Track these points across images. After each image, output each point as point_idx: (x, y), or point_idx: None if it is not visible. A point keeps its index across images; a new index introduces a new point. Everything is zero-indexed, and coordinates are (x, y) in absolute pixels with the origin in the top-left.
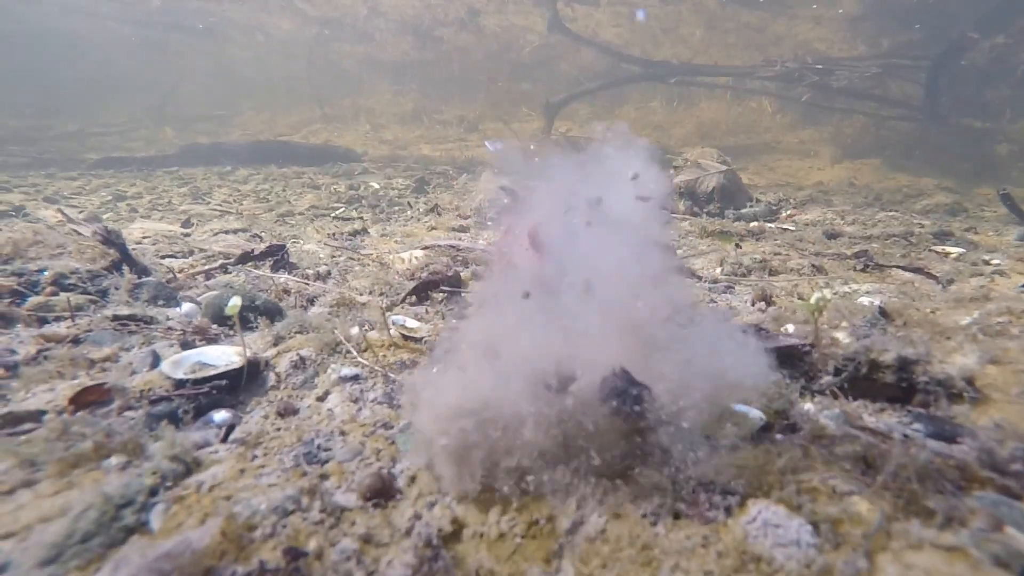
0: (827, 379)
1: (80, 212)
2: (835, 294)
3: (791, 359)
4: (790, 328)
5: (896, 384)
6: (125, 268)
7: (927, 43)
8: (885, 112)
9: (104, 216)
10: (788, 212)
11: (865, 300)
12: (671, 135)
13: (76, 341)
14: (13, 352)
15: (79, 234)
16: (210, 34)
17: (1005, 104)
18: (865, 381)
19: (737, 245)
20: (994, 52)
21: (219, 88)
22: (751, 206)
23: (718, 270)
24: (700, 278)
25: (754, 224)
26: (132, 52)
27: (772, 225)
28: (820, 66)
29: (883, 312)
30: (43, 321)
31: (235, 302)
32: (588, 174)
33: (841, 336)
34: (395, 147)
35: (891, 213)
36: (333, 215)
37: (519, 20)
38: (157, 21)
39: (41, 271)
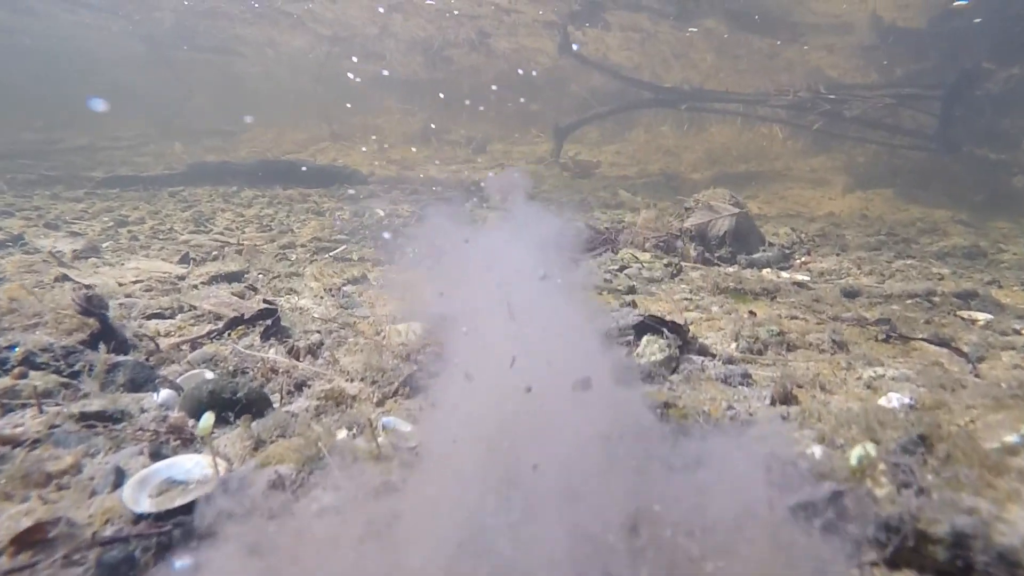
0: (870, 556)
1: (80, 237)
2: (858, 380)
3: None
4: (817, 452)
5: (951, 561)
6: (102, 347)
7: (941, 72)
8: (898, 141)
9: (104, 245)
10: (802, 259)
11: (895, 398)
12: (681, 160)
13: (36, 443)
14: None
15: (68, 279)
16: (220, 50)
17: (1021, 135)
18: (913, 552)
19: (752, 313)
20: (1010, 82)
21: (228, 104)
22: (764, 251)
23: (733, 345)
24: (714, 355)
25: (767, 271)
26: (143, 68)
27: (786, 275)
28: (833, 96)
29: (922, 438)
30: (7, 410)
31: (206, 423)
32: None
33: (879, 477)
34: (402, 167)
35: (908, 261)
36: (332, 254)
37: (529, 42)
38: (168, 38)
39: (12, 347)
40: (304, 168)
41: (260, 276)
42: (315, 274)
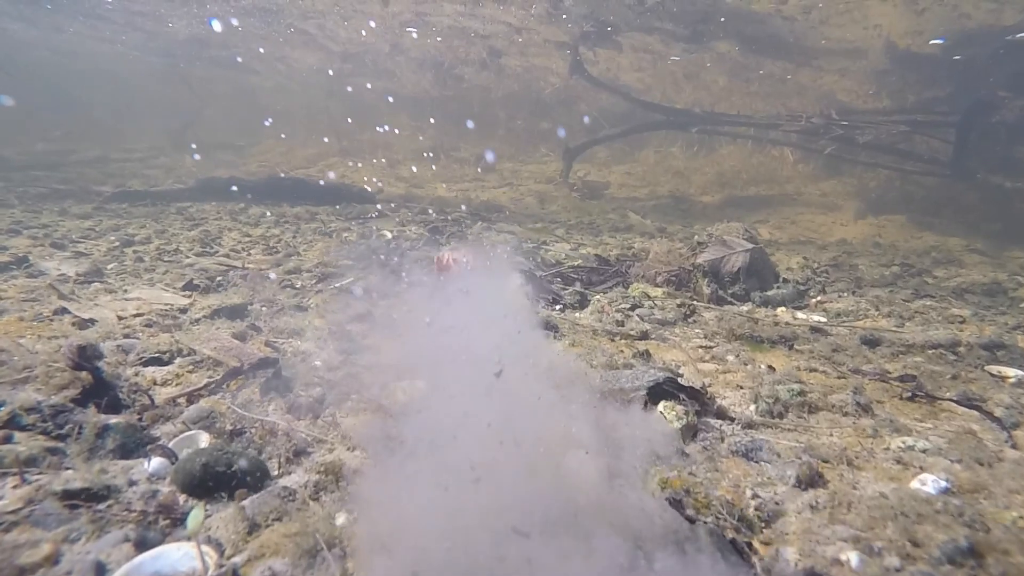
0: None
1: (86, 258)
2: (886, 451)
3: None
4: (853, 560)
5: None
6: (91, 408)
7: (954, 99)
8: (910, 167)
9: (108, 267)
10: (817, 298)
11: (929, 480)
12: (691, 182)
13: (13, 525)
14: None
15: (67, 312)
16: (233, 65)
17: None
18: None
19: (771, 367)
20: None
21: (239, 118)
22: (778, 287)
23: (752, 408)
24: (732, 419)
25: (781, 310)
26: (157, 81)
27: (802, 315)
28: (846, 122)
29: (971, 550)
30: None
31: (195, 521)
32: None
33: None
34: (411, 185)
35: (926, 301)
36: (338, 285)
37: (540, 61)
38: (182, 51)
39: None
40: (313, 185)
41: (263, 310)
42: (319, 310)
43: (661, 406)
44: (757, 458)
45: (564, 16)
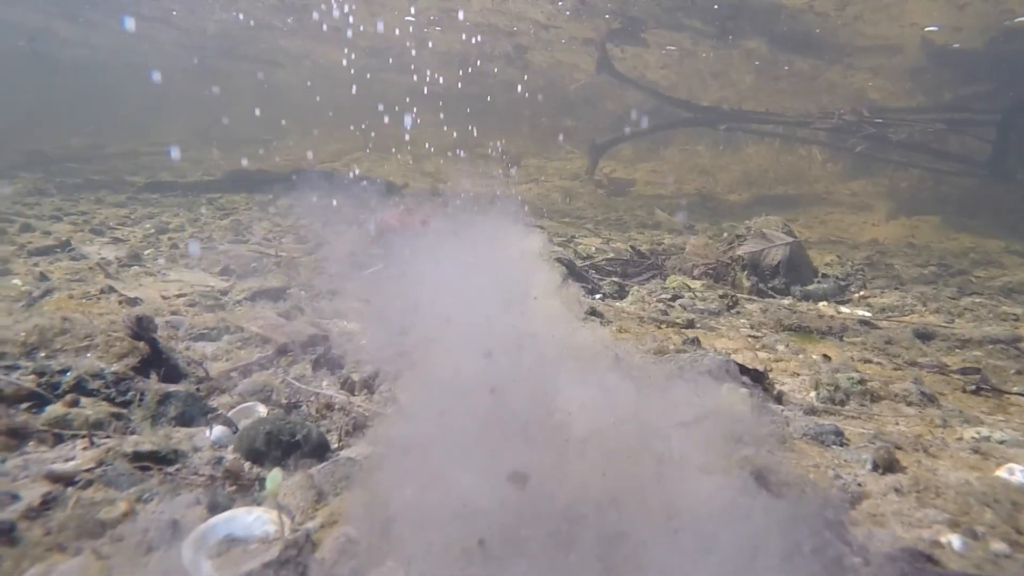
0: None
1: (124, 244)
2: (959, 441)
3: None
4: (955, 543)
5: None
6: (153, 376)
7: (994, 97)
8: (945, 166)
9: (145, 253)
10: (860, 293)
11: (1018, 471)
12: (718, 181)
13: (88, 483)
14: (15, 498)
15: (114, 291)
16: (260, 61)
17: None
18: None
19: (826, 356)
20: None
21: (265, 113)
22: (818, 282)
23: (812, 394)
24: (793, 404)
25: (823, 305)
26: (186, 76)
27: (846, 309)
28: (880, 119)
29: None
30: (58, 439)
31: (274, 483)
32: None
33: None
34: (436, 180)
35: (975, 298)
36: (370, 272)
37: (566, 58)
38: (212, 47)
39: (64, 371)
40: (339, 178)
41: (302, 293)
42: (358, 295)
43: (724, 388)
44: (828, 442)
45: (590, 12)
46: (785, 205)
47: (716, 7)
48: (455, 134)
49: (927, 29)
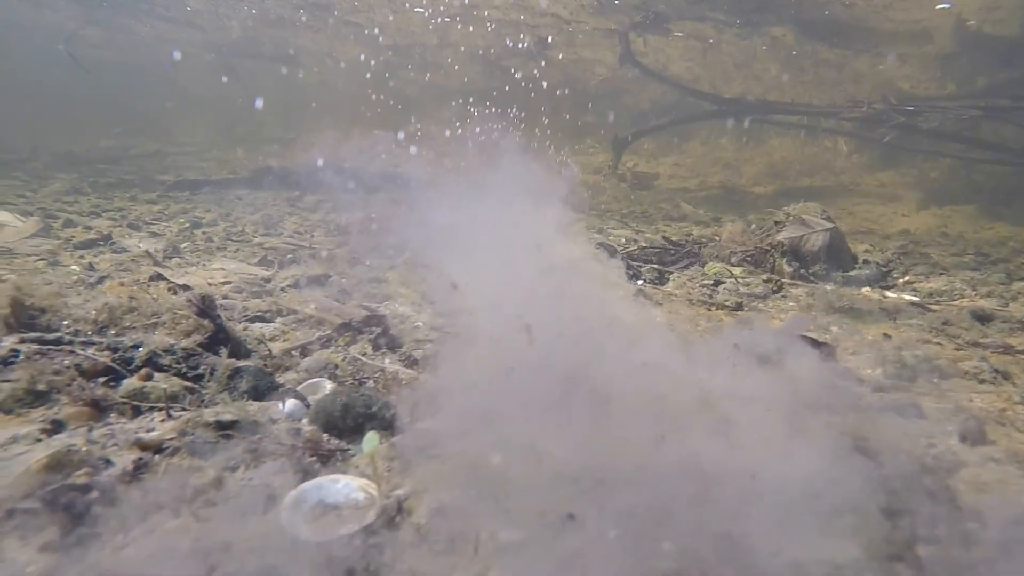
0: None
1: (161, 238)
2: None
3: None
4: None
5: None
6: (224, 351)
7: None
8: (977, 155)
9: (182, 246)
10: (906, 278)
11: None
12: (742, 173)
13: (175, 451)
14: (108, 463)
15: (162, 278)
16: (281, 59)
17: None
18: None
19: (886, 335)
20: None
21: (286, 111)
22: (859, 268)
23: (879, 371)
24: (860, 380)
25: (866, 290)
26: (209, 76)
27: (892, 294)
28: (911, 107)
29: None
30: (136, 411)
31: (372, 443)
32: None
33: None
34: (458, 174)
35: None
36: (402, 259)
37: (588, 52)
38: (234, 47)
39: (136, 347)
40: (365, 174)
41: (344, 281)
42: (403, 279)
43: (796, 360)
44: (908, 414)
45: (613, 6)
46: (811, 197)
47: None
48: (477, 129)
49: (938, 7)
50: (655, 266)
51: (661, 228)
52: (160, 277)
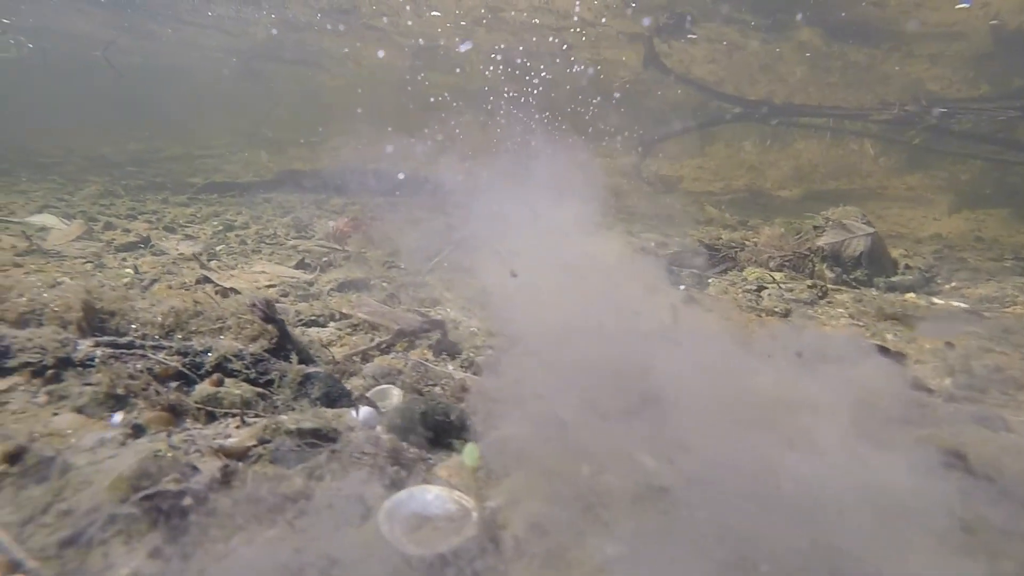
0: None
1: (196, 240)
2: None
3: None
4: None
5: None
6: (294, 357)
7: None
8: (1012, 157)
9: (218, 248)
10: (952, 284)
11: None
12: (767, 177)
13: (258, 458)
14: (195, 470)
15: (209, 281)
16: (304, 63)
17: None
18: None
19: (949, 343)
20: None
21: (308, 115)
22: (902, 273)
23: (947, 381)
24: (931, 390)
25: (911, 296)
26: (234, 80)
27: (940, 300)
28: (945, 108)
29: None
30: (211, 416)
31: (473, 454)
32: None
33: None
34: (482, 177)
35: None
36: (435, 261)
37: (611, 55)
38: (259, 51)
39: (206, 351)
40: (391, 177)
41: (384, 284)
42: (443, 284)
43: (869, 369)
44: (996, 427)
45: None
46: (838, 200)
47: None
48: (498, 131)
49: (958, 7)
50: (694, 271)
51: (689, 232)
52: (207, 280)
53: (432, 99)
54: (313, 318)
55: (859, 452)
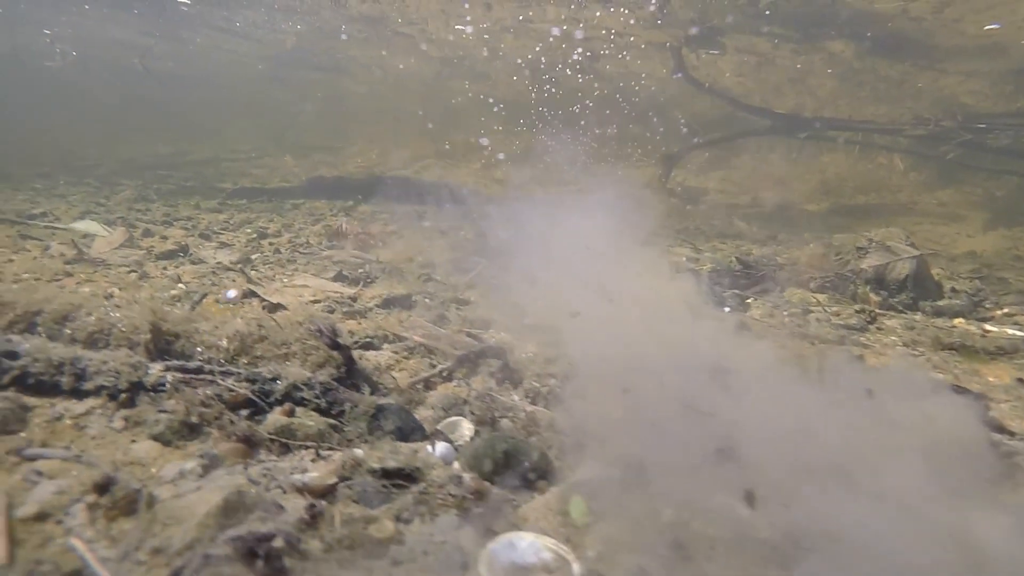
0: None
1: (232, 248)
2: None
3: None
4: None
5: None
6: (366, 388)
7: None
8: None
9: (253, 257)
10: (1005, 310)
11: None
12: (794, 190)
13: (340, 497)
14: (281, 508)
15: (255, 295)
16: (330, 69)
17: None
18: None
19: (1021, 380)
20: None
21: (334, 121)
22: (948, 298)
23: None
24: (1013, 433)
25: (959, 321)
26: (262, 86)
27: (992, 327)
28: (983, 124)
29: None
30: (284, 448)
31: (582, 510)
32: None
33: None
34: (507, 187)
35: None
36: (473, 274)
37: (637, 66)
38: (287, 58)
39: (274, 379)
40: (416, 184)
41: (428, 301)
42: (488, 303)
43: (949, 412)
44: None
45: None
46: (867, 215)
47: (803, 10)
48: (524, 142)
49: (986, 28)
50: (736, 292)
51: (717, 246)
52: (253, 294)
53: (456, 107)
54: (368, 339)
55: (957, 507)
